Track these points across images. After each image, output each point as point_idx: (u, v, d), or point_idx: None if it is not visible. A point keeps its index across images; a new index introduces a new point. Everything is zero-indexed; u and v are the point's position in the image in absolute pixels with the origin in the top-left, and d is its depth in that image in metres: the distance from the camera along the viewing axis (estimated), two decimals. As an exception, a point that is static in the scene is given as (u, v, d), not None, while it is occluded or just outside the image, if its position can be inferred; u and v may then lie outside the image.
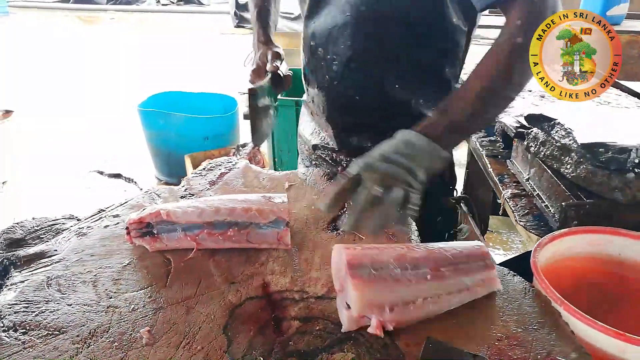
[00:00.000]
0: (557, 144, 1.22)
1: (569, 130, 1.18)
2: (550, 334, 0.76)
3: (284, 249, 0.95)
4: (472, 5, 1.03)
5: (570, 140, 1.16)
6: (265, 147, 3.63)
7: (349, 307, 0.75)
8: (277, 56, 1.23)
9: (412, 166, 0.85)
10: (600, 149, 1.08)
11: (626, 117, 1.49)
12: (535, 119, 1.33)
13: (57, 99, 5.56)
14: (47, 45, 7.72)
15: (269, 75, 1.20)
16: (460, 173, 2.70)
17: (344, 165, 1.31)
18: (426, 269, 0.78)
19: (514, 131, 1.48)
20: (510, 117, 1.58)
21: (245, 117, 1.18)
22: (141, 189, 3.85)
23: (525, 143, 1.37)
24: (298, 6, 1.32)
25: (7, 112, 4.59)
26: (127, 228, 0.93)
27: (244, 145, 3.69)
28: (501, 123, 1.60)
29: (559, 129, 1.23)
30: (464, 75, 1.17)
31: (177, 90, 4.09)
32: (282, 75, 1.20)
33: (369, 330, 0.74)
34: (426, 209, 1.07)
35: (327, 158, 1.35)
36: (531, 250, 1.23)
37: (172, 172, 3.81)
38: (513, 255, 1.27)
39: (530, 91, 1.76)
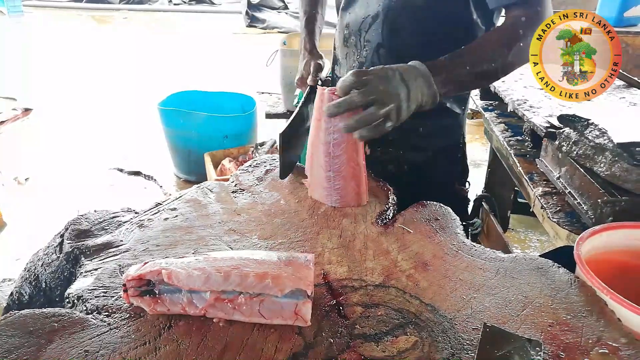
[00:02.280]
0: (591, 144, 1.26)
1: (604, 130, 1.23)
2: (598, 320, 0.81)
3: (337, 240, 1.01)
4: (487, 4, 1.17)
5: (605, 139, 1.21)
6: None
7: None
8: (319, 68, 1.35)
9: (410, 88, 1.01)
10: (637, 148, 1.13)
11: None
12: (568, 119, 1.38)
13: (74, 97, 5.63)
14: (62, 44, 7.81)
15: (309, 88, 1.31)
16: (481, 172, 2.76)
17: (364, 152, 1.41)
18: None
19: (544, 131, 1.53)
20: (540, 117, 1.63)
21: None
22: (161, 186, 3.92)
23: (557, 142, 1.42)
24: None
25: (27, 110, 4.67)
26: (124, 285, 0.81)
27: (262, 144, 3.75)
28: (530, 123, 1.64)
29: (592, 129, 1.27)
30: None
31: (195, 89, 4.16)
32: (322, 79, 1.33)
33: None
34: (438, 197, 1.16)
35: None
36: (561, 247, 1.29)
37: (192, 170, 3.88)
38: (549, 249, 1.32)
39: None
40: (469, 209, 1.59)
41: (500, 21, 1.30)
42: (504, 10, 1.24)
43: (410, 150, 1.38)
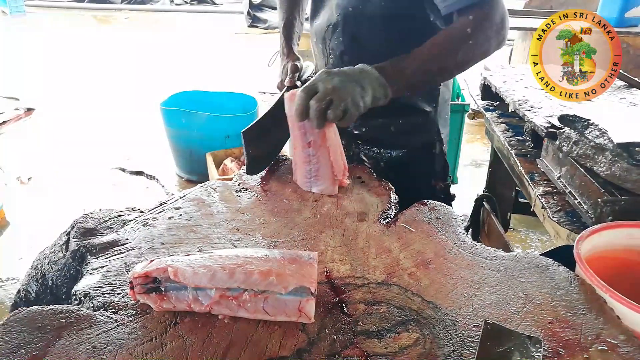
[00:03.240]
0: (591, 144, 1.28)
1: (604, 130, 1.24)
2: (597, 318, 0.82)
3: (340, 239, 1.02)
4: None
5: (605, 139, 1.22)
6: (286, 147, 3.71)
7: None
8: (295, 69, 1.36)
9: (363, 85, 1.07)
10: (637, 148, 1.14)
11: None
12: (568, 119, 1.39)
13: (77, 97, 5.65)
14: (64, 43, 7.84)
15: (285, 88, 1.33)
16: (482, 172, 2.76)
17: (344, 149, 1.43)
18: None
19: (545, 131, 1.54)
20: (540, 117, 1.64)
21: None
22: (163, 186, 3.93)
23: (557, 142, 1.43)
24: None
25: (29, 110, 4.69)
26: (130, 283, 0.82)
27: (263, 144, 3.76)
28: (531, 123, 1.65)
29: (592, 129, 1.28)
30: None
31: (197, 89, 4.18)
32: (299, 86, 1.32)
33: None
34: (417, 193, 1.18)
35: None
36: (562, 245, 1.30)
37: (193, 169, 3.89)
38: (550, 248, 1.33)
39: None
40: (454, 205, 1.61)
41: None
42: None
43: (385, 147, 1.42)
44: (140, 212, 1.15)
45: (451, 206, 1.53)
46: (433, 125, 1.41)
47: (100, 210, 1.14)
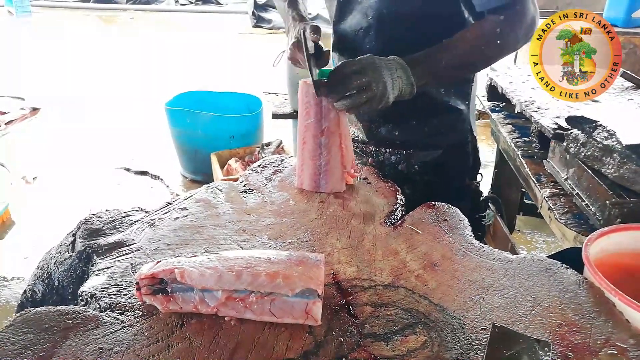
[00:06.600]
0: (599, 145, 1.27)
1: (612, 131, 1.23)
2: (607, 321, 0.81)
3: (346, 240, 1.02)
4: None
5: (613, 141, 1.21)
6: (290, 147, 3.72)
7: None
8: (316, 30, 1.19)
9: (393, 78, 1.10)
10: (646, 150, 1.13)
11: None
12: (576, 121, 1.38)
13: (82, 96, 5.66)
14: (69, 43, 7.86)
15: (312, 45, 1.17)
16: (487, 174, 2.75)
17: (374, 155, 1.44)
18: None
19: (552, 132, 1.53)
20: (547, 118, 1.63)
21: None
22: (167, 186, 3.94)
23: (565, 144, 1.42)
24: (316, 6, 1.49)
25: (35, 110, 4.70)
26: (137, 284, 0.82)
27: (268, 144, 3.76)
28: (538, 124, 1.65)
29: (601, 131, 1.27)
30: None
31: (202, 89, 4.18)
32: (322, 48, 1.19)
33: None
34: (450, 193, 1.16)
35: (357, 150, 1.46)
36: (568, 248, 1.29)
37: (198, 169, 3.89)
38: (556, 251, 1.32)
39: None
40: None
41: None
42: None
43: (419, 149, 1.39)
44: (146, 212, 1.15)
45: (479, 203, 1.51)
46: (466, 123, 1.40)
47: (106, 210, 1.14)
